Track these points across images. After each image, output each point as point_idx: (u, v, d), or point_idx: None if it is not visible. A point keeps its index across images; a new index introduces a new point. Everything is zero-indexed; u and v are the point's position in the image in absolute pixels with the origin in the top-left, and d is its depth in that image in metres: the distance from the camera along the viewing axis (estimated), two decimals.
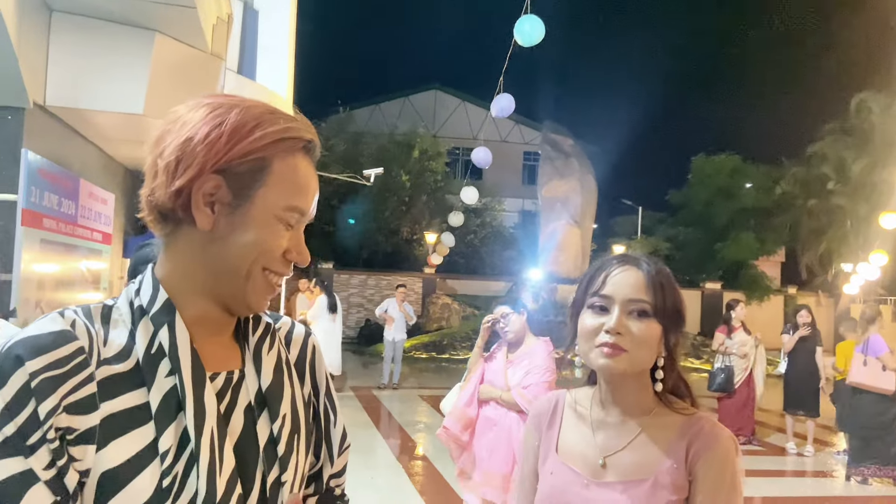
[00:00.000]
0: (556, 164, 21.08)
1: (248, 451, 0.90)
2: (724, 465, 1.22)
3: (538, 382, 3.71)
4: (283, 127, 0.90)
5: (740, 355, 7.91)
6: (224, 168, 0.86)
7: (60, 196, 6.46)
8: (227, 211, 0.88)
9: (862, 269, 14.56)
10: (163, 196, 0.87)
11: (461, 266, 23.84)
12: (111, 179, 8.70)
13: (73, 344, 0.80)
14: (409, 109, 30.37)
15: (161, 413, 0.82)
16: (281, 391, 0.97)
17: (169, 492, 0.80)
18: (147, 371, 0.83)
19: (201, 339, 0.89)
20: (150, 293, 0.88)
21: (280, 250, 0.91)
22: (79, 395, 0.78)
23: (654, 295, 1.25)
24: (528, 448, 1.45)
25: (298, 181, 0.91)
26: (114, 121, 6.53)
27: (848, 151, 22.23)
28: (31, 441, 0.75)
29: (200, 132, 0.85)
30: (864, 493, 6.63)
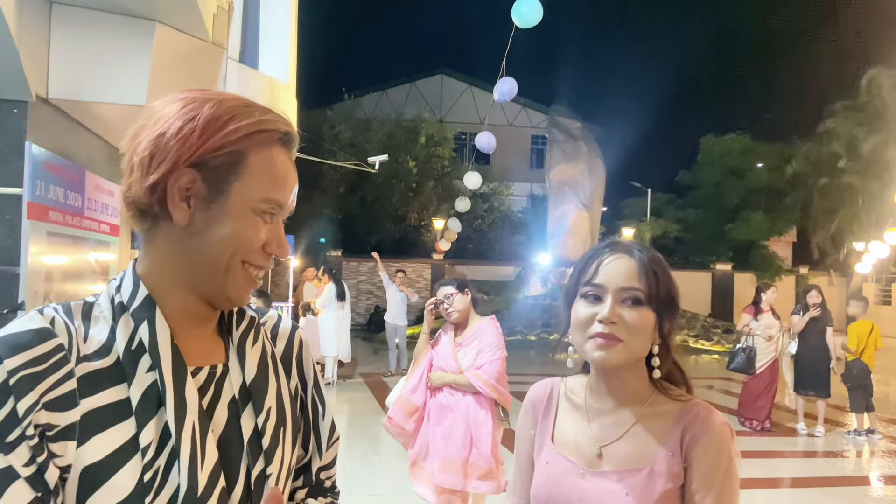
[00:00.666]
0: (564, 148, 20.97)
1: (232, 445, 0.90)
2: (719, 451, 1.20)
3: (491, 361, 3.65)
4: (258, 119, 0.89)
5: (765, 337, 7.84)
6: (199, 162, 0.86)
7: (66, 188, 6.49)
8: (202, 205, 0.88)
9: (874, 248, 14.43)
10: (138, 191, 0.87)
11: (470, 252, 23.83)
12: (117, 171, 8.65)
13: (52, 341, 0.80)
14: (415, 95, 30.24)
15: (141, 408, 0.82)
16: (266, 384, 0.96)
17: (150, 486, 0.80)
18: (127, 367, 0.83)
19: (183, 334, 0.89)
20: (131, 289, 0.89)
21: (258, 243, 0.91)
22: (58, 391, 0.78)
23: (647, 282, 1.23)
24: (523, 436, 1.43)
25: (275, 174, 0.91)
26: (117, 112, 6.54)
27: (859, 129, 21.97)
28: (10, 438, 0.75)
29: (173, 126, 0.86)
30: (875, 473, 6.61)
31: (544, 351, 16.89)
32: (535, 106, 30.35)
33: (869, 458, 7.18)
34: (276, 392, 0.98)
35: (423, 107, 27.30)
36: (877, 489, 6.09)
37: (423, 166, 23.02)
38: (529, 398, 1.45)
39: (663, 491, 1.20)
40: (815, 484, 6.14)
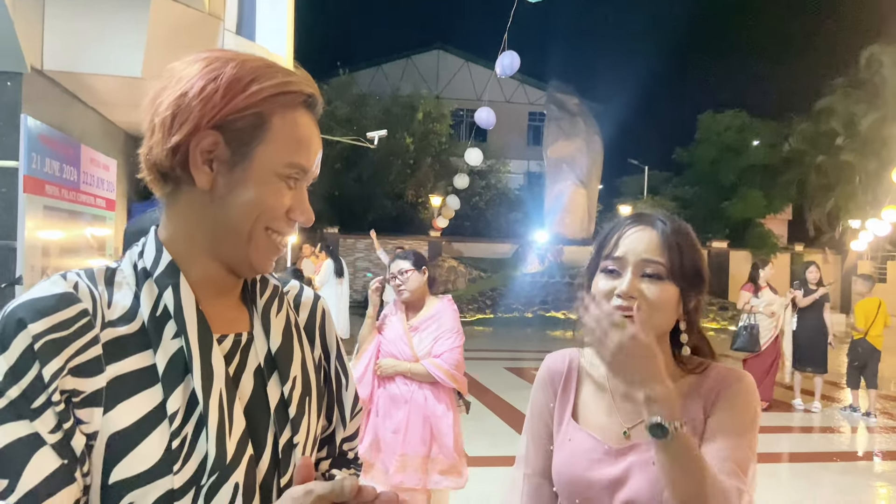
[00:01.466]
0: (561, 125, 20.88)
1: (259, 414, 0.89)
2: (740, 401, 1.19)
3: (452, 349, 3.31)
4: (282, 81, 0.87)
5: (767, 314, 7.80)
6: (221, 124, 0.84)
7: (62, 162, 6.42)
8: (225, 169, 0.86)
9: (871, 226, 14.45)
10: (160, 154, 0.85)
11: (467, 229, 23.80)
12: (112, 145, 8.63)
13: (77, 306, 0.78)
14: (411, 70, 29.98)
15: (168, 375, 0.81)
16: (291, 353, 0.95)
17: (178, 454, 0.79)
18: (153, 333, 0.82)
19: (207, 301, 0.88)
20: (154, 255, 0.87)
21: (282, 209, 0.89)
22: (84, 357, 0.77)
23: (670, 255, 1.18)
24: (540, 408, 1.39)
25: (299, 137, 0.89)
26: (113, 85, 6.45)
27: (857, 106, 21.92)
28: (35, 404, 0.74)
29: (195, 87, 0.83)
30: (870, 449, 6.67)
31: (542, 328, 16.96)
32: (533, 82, 30.13)
33: (865, 433, 7.25)
34: (300, 361, 0.97)
35: (420, 82, 27.07)
36: (872, 464, 6.15)
37: (421, 143, 22.90)
38: (546, 369, 1.41)
39: None
40: (812, 459, 6.20)
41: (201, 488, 0.80)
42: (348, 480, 0.78)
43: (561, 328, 17.10)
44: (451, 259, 20.62)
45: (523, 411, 5.59)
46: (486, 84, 26.55)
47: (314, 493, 0.78)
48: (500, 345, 13.92)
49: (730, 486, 1.09)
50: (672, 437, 1.07)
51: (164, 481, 0.79)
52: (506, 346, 13.57)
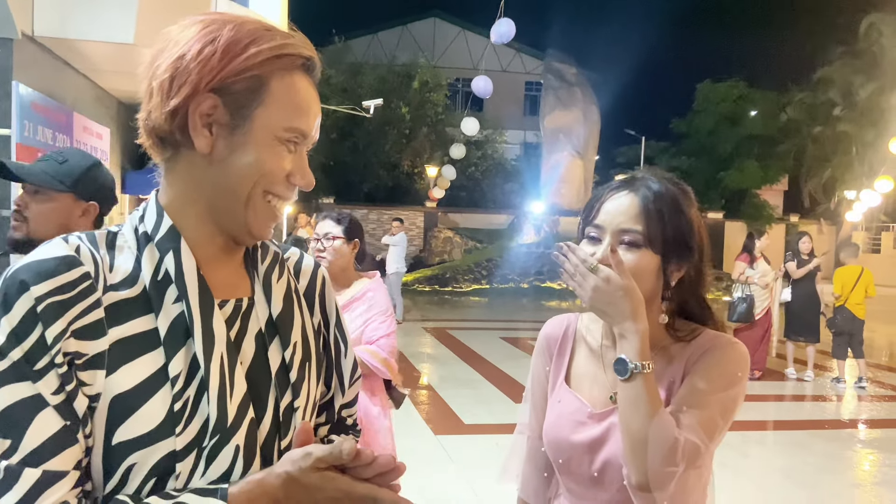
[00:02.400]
0: (559, 94, 20.70)
1: (260, 377, 0.90)
2: (726, 362, 1.17)
3: (388, 334, 2.81)
4: (280, 43, 0.86)
5: (762, 285, 7.80)
6: (220, 87, 0.83)
7: (54, 130, 6.35)
8: (225, 132, 0.85)
9: (865, 196, 14.47)
10: (159, 118, 0.84)
11: (463, 199, 23.75)
12: (105, 113, 8.54)
13: (79, 269, 0.79)
14: (407, 38, 29.62)
15: (170, 339, 0.81)
16: (291, 319, 0.96)
17: (181, 416, 0.80)
18: (154, 297, 0.82)
19: (208, 266, 0.88)
20: (155, 219, 0.87)
21: (282, 173, 0.88)
22: (86, 320, 0.77)
23: (648, 223, 1.16)
24: (538, 372, 1.42)
25: (298, 101, 0.88)
26: (104, 51, 6.36)
27: (856, 76, 21.79)
28: (38, 366, 0.74)
29: (193, 49, 0.82)
30: (861, 417, 6.76)
31: (537, 298, 17.04)
32: (530, 51, 29.82)
33: (855, 402, 7.34)
34: (300, 327, 0.97)
35: (416, 51, 26.76)
36: (861, 432, 6.24)
37: (417, 112, 22.72)
38: (544, 334, 1.42)
39: None
40: (802, 427, 6.28)
41: (203, 450, 0.81)
42: (347, 444, 0.79)
43: (556, 298, 17.19)
44: (447, 229, 20.62)
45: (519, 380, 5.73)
46: (483, 53, 26.27)
47: (313, 456, 0.79)
48: (496, 315, 13.99)
49: (677, 437, 1.08)
50: (633, 377, 1.09)
51: (166, 443, 0.79)
52: (502, 316, 13.64)
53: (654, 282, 1.19)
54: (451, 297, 17.07)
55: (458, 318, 13.32)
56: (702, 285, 1.25)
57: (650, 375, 1.11)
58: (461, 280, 17.96)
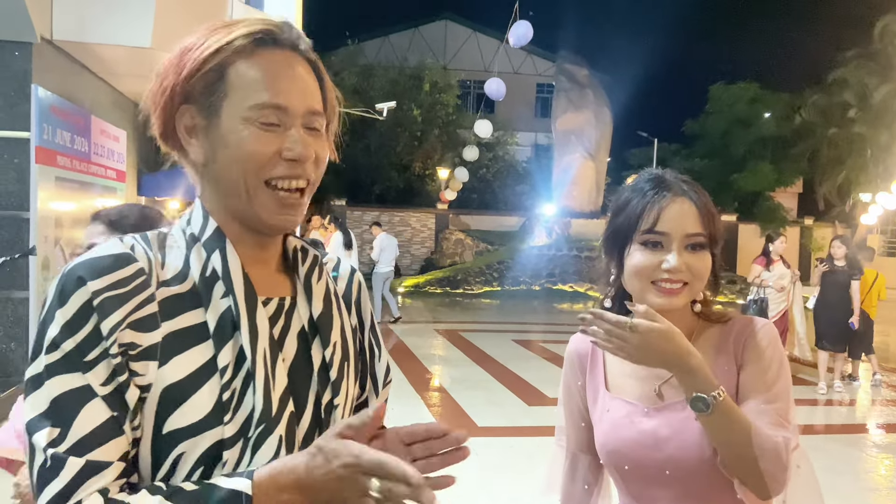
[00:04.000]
0: (570, 96, 20.68)
1: (301, 374, 0.93)
2: (765, 346, 1.24)
3: None
4: (227, 31, 0.88)
5: (777, 288, 7.68)
6: (188, 95, 0.87)
7: (73, 133, 6.42)
8: (204, 134, 0.89)
9: (882, 199, 14.35)
10: (164, 144, 0.92)
11: (474, 201, 23.73)
12: (122, 116, 8.61)
13: (134, 265, 0.83)
14: (419, 41, 29.65)
15: (218, 332, 0.85)
16: (331, 319, 0.99)
17: (228, 405, 0.83)
18: (203, 293, 0.86)
19: (251, 266, 0.91)
20: (201, 222, 0.91)
21: (265, 154, 0.87)
22: (141, 313, 0.81)
23: (708, 226, 1.24)
24: (570, 387, 1.43)
25: (260, 77, 0.87)
26: (122, 55, 6.42)
27: (870, 78, 21.59)
28: (89, 357, 0.78)
29: (162, 72, 0.89)
30: (877, 420, 6.71)
31: (549, 300, 17.01)
32: (541, 53, 29.76)
33: (870, 405, 7.28)
34: (339, 328, 1.00)
35: (427, 53, 26.79)
36: (878, 436, 6.20)
37: (428, 114, 22.73)
38: (572, 350, 1.44)
39: None
40: (819, 431, 6.24)
41: (248, 440, 0.84)
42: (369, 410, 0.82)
43: (568, 300, 17.15)
44: (459, 231, 20.63)
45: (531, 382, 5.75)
46: (494, 55, 26.27)
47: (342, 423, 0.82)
48: (508, 317, 13.98)
49: (778, 440, 1.13)
50: (713, 408, 1.12)
51: (214, 432, 0.83)
52: (513, 319, 13.63)
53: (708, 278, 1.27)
54: (462, 298, 17.07)
55: (469, 319, 13.32)
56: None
57: (727, 400, 1.14)
58: (472, 282, 17.96)
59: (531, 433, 5.73)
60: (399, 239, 20.71)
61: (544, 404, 6.66)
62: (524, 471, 4.77)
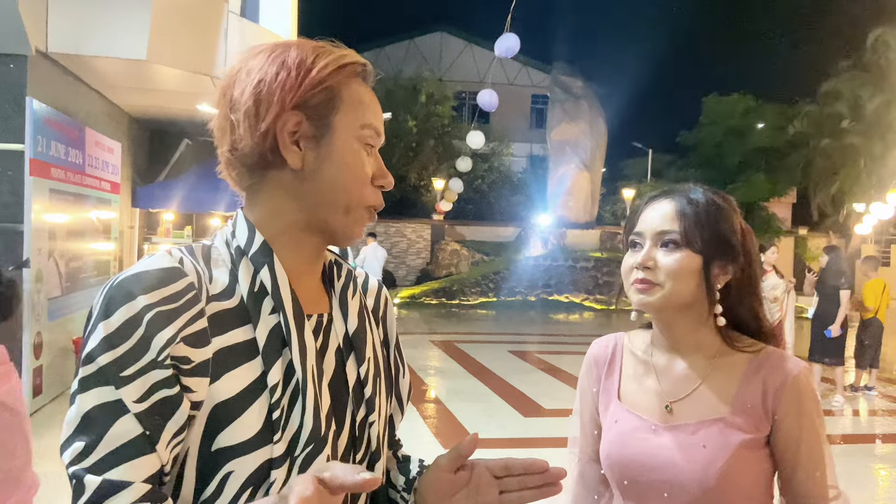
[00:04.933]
0: (565, 107, 20.77)
1: (340, 391, 0.93)
2: (805, 396, 1.19)
3: None
4: (340, 54, 0.93)
5: (770, 299, 7.65)
6: (300, 103, 0.89)
7: (67, 145, 6.42)
8: (312, 144, 0.90)
9: (875, 209, 14.40)
10: (249, 144, 0.89)
11: (469, 212, 23.77)
12: (116, 128, 8.61)
13: (184, 280, 0.82)
14: (414, 52, 29.80)
15: (268, 349, 0.84)
16: (365, 335, 0.99)
17: (277, 424, 0.82)
18: (252, 308, 0.86)
19: (294, 282, 0.91)
20: (247, 235, 0.90)
21: (368, 178, 0.93)
22: (193, 328, 0.80)
23: (685, 223, 1.19)
24: (585, 394, 1.42)
25: (366, 101, 0.94)
26: (117, 67, 6.43)
27: (863, 89, 21.74)
28: (127, 372, 0.75)
29: (269, 73, 0.88)
30: (875, 431, 6.70)
31: (545, 311, 17.01)
32: (536, 64, 29.94)
33: (868, 416, 7.28)
34: (372, 344, 1.01)
35: (423, 64, 26.90)
36: (877, 447, 6.19)
37: (423, 125, 22.80)
38: (591, 355, 1.43)
39: (741, 441, 1.17)
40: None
41: (296, 459, 0.84)
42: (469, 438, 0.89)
43: (564, 311, 17.15)
44: (454, 242, 20.63)
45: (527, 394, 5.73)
46: (489, 66, 26.38)
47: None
48: (504, 328, 13.96)
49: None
50: None
51: (263, 450, 0.82)
52: (509, 330, 13.61)
53: (697, 283, 1.20)
54: (458, 309, 17.05)
55: (465, 331, 13.29)
56: (752, 292, 1.25)
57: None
58: (468, 293, 17.95)
59: (527, 445, 5.71)
60: (395, 250, 20.74)
61: (541, 416, 6.64)
62: None
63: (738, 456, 1.16)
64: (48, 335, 6.10)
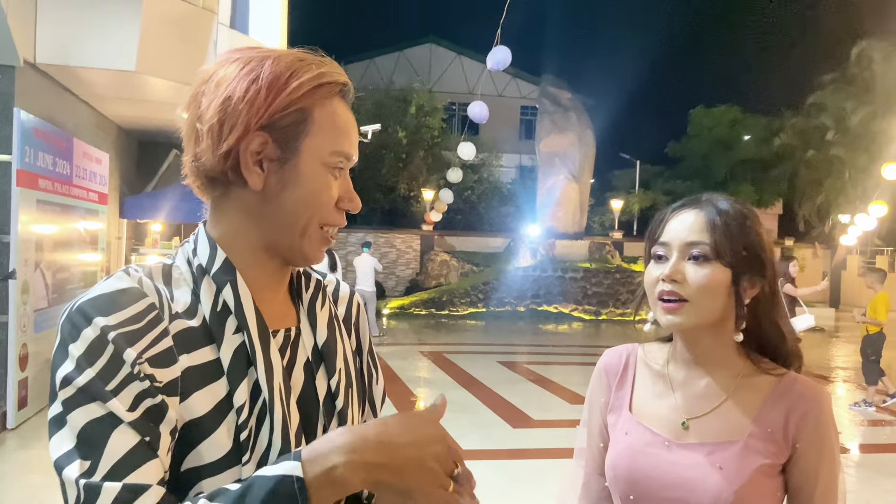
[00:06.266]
0: (554, 119, 20.88)
1: (310, 406, 0.91)
2: (828, 427, 1.15)
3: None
4: (318, 73, 0.88)
5: None
6: (268, 124, 0.85)
7: (55, 156, 6.39)
8: (276, 167, 0.87)
9: (860, 220, 14.55)
10: (210, 160, 0.85)
11: (459, 223, 23.81)
12: (105, 138, 8.59)
13: (145, 300, 0.80)
14: (404, 64, 29.91)
15: (233, 369, 0.83)
16: (335, 346, 0.98)
17: (246, 445, 0.81)
18: (215, 328, 0.84)
19: (259, 297, 0.89)
20: (209, 252, 0.88)
21: (332, 201, 0.90)
22: (157, 348, 0.78)
23: (716, 236, 1.12)
24: (594, 404, 1.36)
25: (340, 125, 0.90)
26: (106, 78, 6.42)
27: (848, 101, 22.01)
28: (110, 386, 0.74)
29: (238, 89, 0.84)
30: (865, 441, 6.74)
31: (534, 322, 17.02)
32: (525, 76, 30.12)
33: (856, 426, 7.32)
34: (342, 354, 0.99)
35: (412, 76, 27.00)
36: (868, 457, 6.23)
37: (413, 136, 22.86)
38: (603, 364, 1.36)
39: (758, 466, 1.13)
40: None
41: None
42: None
43: (553, 322, 17.17)
44: (444, 253, 20.64)
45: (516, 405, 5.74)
46: (479, 77, 26.52)
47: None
48: (493, 339, 13.96)
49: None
50: None
51: (233, 471, 0.81)
52: (498, 340, 13.61)
53: (726, 298, 1.14)
54: (447, 320, 17.03)
55: (454, 341, 13.28)
56: (777, 306, 1.20)
57: None
58: (457, 303, 17.94)
59: (516, 456, 5.70)
60: (384, 260, 20.70)
61: (529, 427, 6.64)
62: (508, 494, 4.74)
63: (753, 481, 1.12)
64: (34, 347, 6.05)
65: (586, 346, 12.93)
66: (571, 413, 6.91)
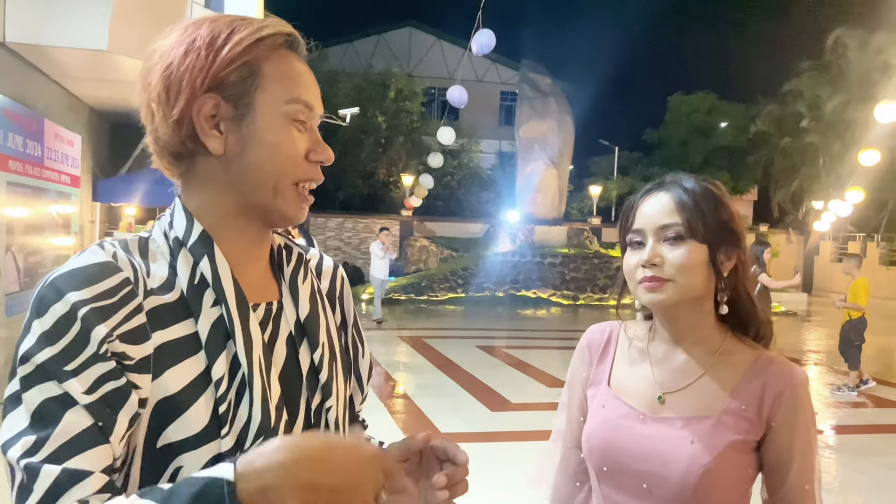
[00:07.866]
0: (534, 104, 20.88)
1: (292, 380, 0.91)
2: (804, 408, 1.17)
3: None
4: (258, 27, 0.87)
5: None
6: (215, 84, 0.84)
7: (25, 137, 6.26)
8: (233, 126, 0.85)
9: (834, 207, 14.78)
10: (167, 132, 0.84)
11: (438, 208, 23.81)
12: (76, 120, 8.43)
13: (119, 275, 0.79)
14: (383, 48, 29.68)
15: (211, 342, 0.82)
16: (318, 320, 0.97)
17: (225, 418, 0.81)
18: (193, 302, 0.83)
19: (238, 269, 0.88)
20: (185, 225, 0.87)
21: (300, 154, 0.88)
22: (130, 325, 0.77)
23: (687, 215, 1.15)
24: (574, 379, 1.39)
25: (292, 74, 0.89)
26: (77, 58, 6.29)
27: (823, 89, 22.31)
28: (70, 366, 0.73)
29: (177, 55, 0.83)
30: (842, 423, 6.87)
31: (512, 307, 17.10)
32: (505, 61, 30.06)
33: (831, 408, 7.47)
34: (326, 328, 0.98)
35: (391, 60, 26.83)
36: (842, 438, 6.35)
37: (392, 121, 22.76)
38: (585, 340, 1.38)
39: (730, 441, 1.15)
40: None
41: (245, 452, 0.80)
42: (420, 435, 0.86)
43: (532, 307, 17.26)
44: (423, 238, 20.63)
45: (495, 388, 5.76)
46: (459, 62, 26.41)
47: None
48: (472, 323, 14.01)
49: None
50: None
51: (211, 445, 0.80)
52: (477, 325, 13.66)
53: (707, 274, 1.16)
54: (426, 305, 17.05)
55: (433, 326, 13.31)
56: (746, 276, 1.22)
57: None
58: (437, 289, 17.96)
59: (494, 439, 5.74)
60: (363, 246, 20.67)
61: (507, 410, 6.68)
62: (487, 476, 4.78)
63: (724, 456, 1.14)
64: (5, 331, 5.95)
65: (564, 331, 13.03)
66: (549, 396, 6.97)
